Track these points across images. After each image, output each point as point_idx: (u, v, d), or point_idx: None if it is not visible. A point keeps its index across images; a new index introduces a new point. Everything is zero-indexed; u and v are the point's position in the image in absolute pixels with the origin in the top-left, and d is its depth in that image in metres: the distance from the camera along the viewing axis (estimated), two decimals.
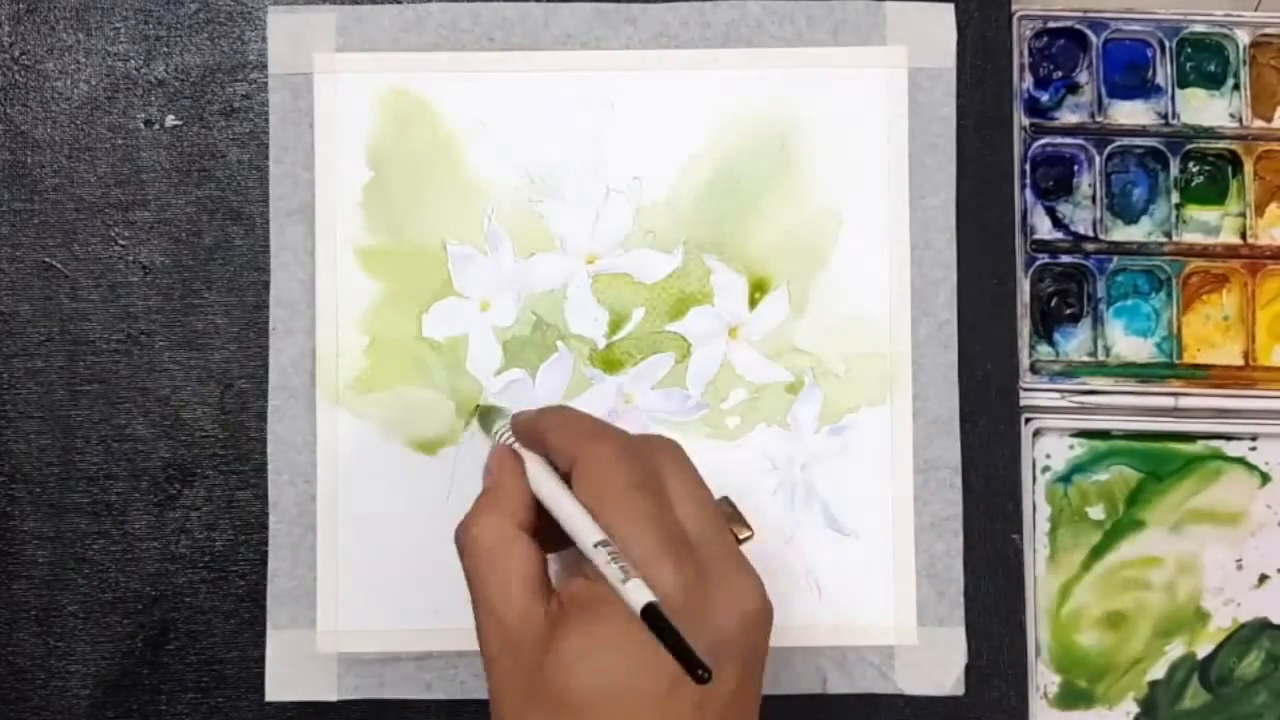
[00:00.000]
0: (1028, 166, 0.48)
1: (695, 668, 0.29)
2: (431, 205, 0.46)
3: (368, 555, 0.46)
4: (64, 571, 0.46)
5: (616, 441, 0.35)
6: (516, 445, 0.38)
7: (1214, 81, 0.49)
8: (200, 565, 0.46)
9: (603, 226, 0.47)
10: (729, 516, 0.36)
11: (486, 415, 0.43)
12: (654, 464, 0.35)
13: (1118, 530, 0.48)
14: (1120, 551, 0.48)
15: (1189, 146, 0.49)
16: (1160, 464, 0.48)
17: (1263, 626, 0.48)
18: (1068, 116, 0.49)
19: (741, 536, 0.37)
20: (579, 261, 0.47)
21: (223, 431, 0.47)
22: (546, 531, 0.35)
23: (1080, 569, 0.48)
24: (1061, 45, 0.49)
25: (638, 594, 0.31)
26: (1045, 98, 0.49)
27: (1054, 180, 0.49)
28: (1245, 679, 0.48)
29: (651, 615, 0.30)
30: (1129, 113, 0.49)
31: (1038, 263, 0.48)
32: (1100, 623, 0.48)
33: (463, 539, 0.35)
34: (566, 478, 0.35)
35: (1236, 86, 0.49)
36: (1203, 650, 0.48)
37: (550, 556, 0.36)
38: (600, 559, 0.32)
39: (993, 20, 0.48)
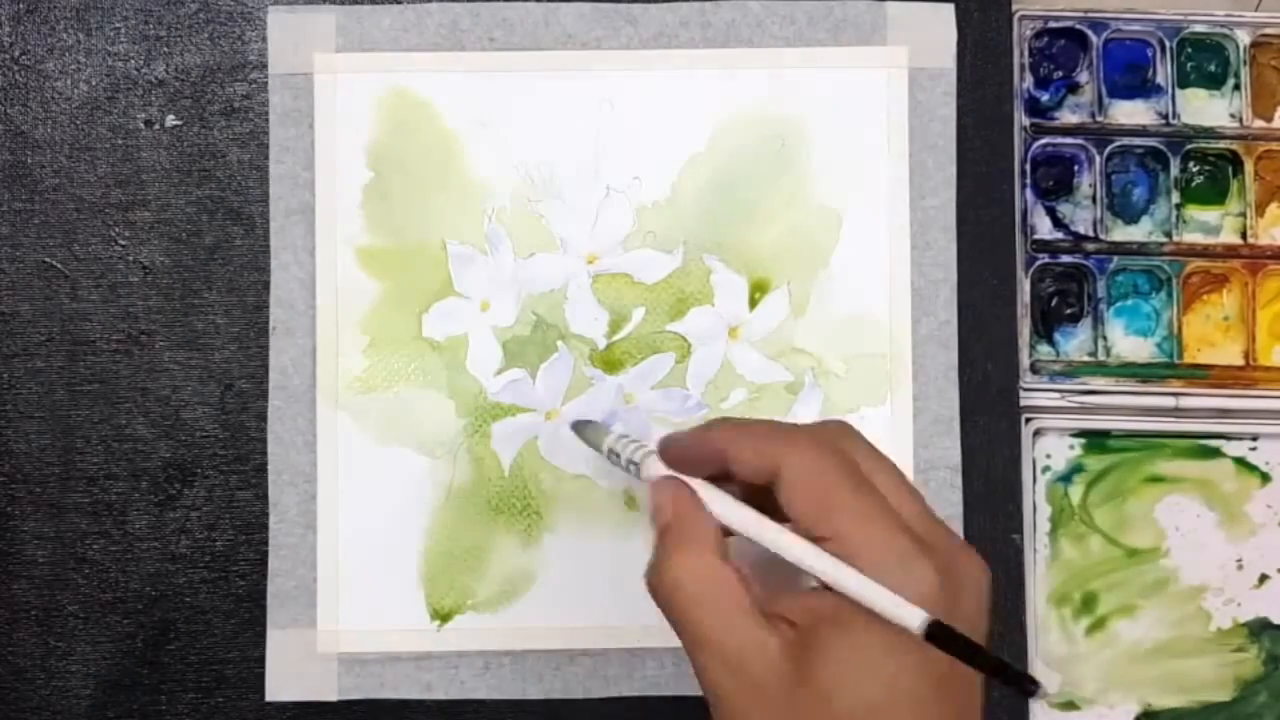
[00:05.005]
0: (1028, 166, 0.48)
1: (1023, 682, 0.27)
2: (431, 205, 0.46)
3: (368, 555, 0.46)
4: (64, 571, 0.46)
5: (815, 440, 0.32)
6: (671, 473, 0.34)
7: (1214, 81, 0.49)
8: (200, 565, 0.46)
9: (603, 226, 0.47)
10: None
11: (583, 429, 0.40)
12: (851, 453, 0.32)
13: (1117, 530, 0.48)
14: (1120, 552, 0.48)
15: (1189, 146, 0.49)
16: (1160, 464, 0.48)
17: (1263, 626, 0.48)
18: (1068, 116, 0.49)
19: None
20: (579, 261, 0.47)
21: (223, 431, 0.47)
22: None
23: (1080, 569, 0.48)
24: (1062, 45, 0.49)
25: (911, 614, 0.28)
26: (1045, 98, 0.49)
27: (1054, 180, 0.49)
28: (1245, 679, 0.48)
29: (940, 633, 0.28)
30: (1129, 113, 0.49)
31: (1038, 263, 0.48)
32: (1100, 622, 0.47)
33: (661, 585, 0.32)
34: (751, 496, 0.33)
35: (1237, 86, 0.49)
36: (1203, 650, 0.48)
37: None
38: (848, 579, 0.29)
39: (993, 20, 0.48)
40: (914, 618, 0.28)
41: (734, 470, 0.33)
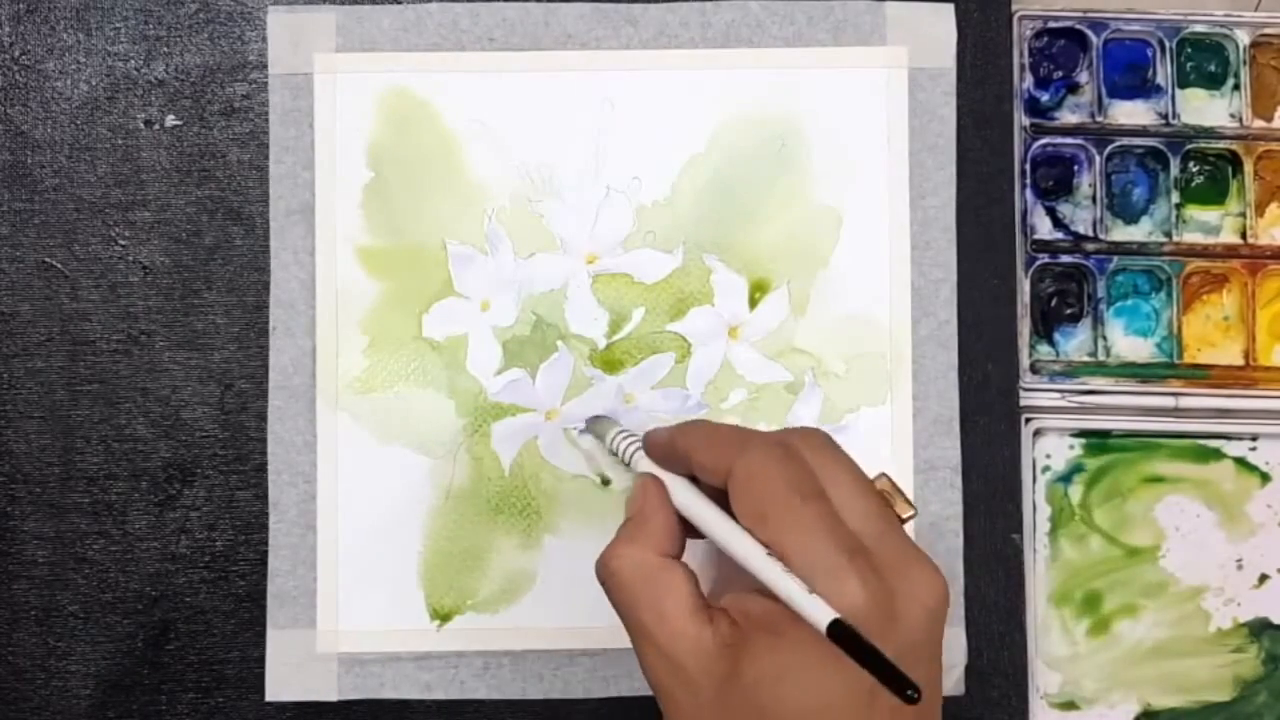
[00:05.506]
0: (1028, 166, 0.48)
1: (904, 688, 0.26)
2: (431, 205, 0.46)
3: (368, 555, 0.46)
4: (64, 571, 0.46)
5: (768, 445, 0.32)
6: (655, 469, 0.35)
7: (1214, 81, 0.49)
8: (200, 565, 0.46)
9: (603, 226, 0.47)
10: (889, 496, 0.34)
11: (596, 423, 0.43)
12: (809, 461, 0.32)
13: (1117, 530, 0.48)
14: (1120, 551, 0.48)
15: (1189, 146, 0.49)
16: (1160, 464, 0.48)
17: (1263, 626, 0.48)
18: (1068, 116, 0.49)
19: (905, 516, 0.34)
20: (579, 261, 0.47)
21: (223, 431, 0.47)
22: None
23: (1080, 569, 0.48)
24: (1061, 45, 0.49)
25: (821, 612, 0.28)
26: (1045, 98, 0.49)
27: (1054, 180, 0.49)
28: (1245, 679, 0.48)
29: (842, 633, 0.28)
30: (1129, 113, 0.49)
31: (1038, 263, 0.48)
32: (1100, 622, 0.48)
33: (603, 574, 0.33)
34: (717, 496, 0.33)
35: (1237, 86, 0.49)
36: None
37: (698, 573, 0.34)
38: (775, 579, 0.30)
39: (993, 20, 0.48)
40: (823, 617, 0.28)
41: (696, 473, 0.33)
